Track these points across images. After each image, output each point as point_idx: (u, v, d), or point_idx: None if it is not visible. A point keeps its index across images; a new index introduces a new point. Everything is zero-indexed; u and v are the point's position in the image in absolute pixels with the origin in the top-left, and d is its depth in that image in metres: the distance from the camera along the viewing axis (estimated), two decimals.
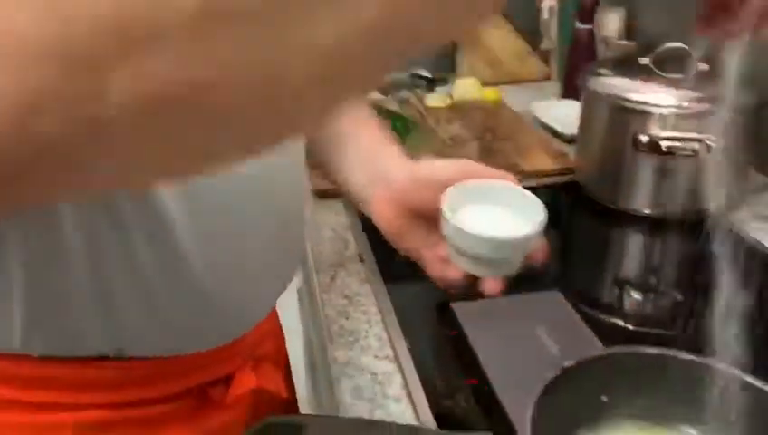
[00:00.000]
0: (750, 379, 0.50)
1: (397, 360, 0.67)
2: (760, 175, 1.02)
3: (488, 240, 0.49)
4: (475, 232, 0.49)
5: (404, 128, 1.23)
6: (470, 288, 0.57)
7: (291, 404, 0.70)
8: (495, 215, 0.55)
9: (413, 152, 0.63)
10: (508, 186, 0.56)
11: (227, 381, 0.56)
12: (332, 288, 0.78)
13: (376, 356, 0.68)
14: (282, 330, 0.71)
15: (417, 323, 0.71)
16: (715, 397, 0.51)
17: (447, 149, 1.15)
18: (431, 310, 0.76)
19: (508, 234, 0.50)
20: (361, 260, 0.83)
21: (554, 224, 0.94)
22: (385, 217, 0.60)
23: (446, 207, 0.51)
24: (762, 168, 1.01)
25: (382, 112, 1.27)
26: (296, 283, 0.88)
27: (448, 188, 0.53)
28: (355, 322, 0.73)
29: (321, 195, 0.97)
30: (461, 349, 0.69)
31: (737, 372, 0.51)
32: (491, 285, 0.55)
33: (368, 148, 0.64)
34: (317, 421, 0.46)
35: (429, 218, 0.56)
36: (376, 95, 1.36)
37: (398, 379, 0.64)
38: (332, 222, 0.93)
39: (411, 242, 0.60)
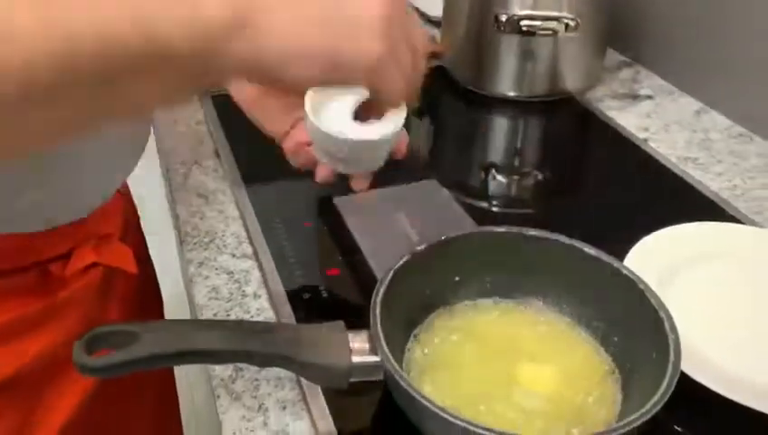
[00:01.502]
0: (587, 249, 0.52)
1: (255, 257, 0.64)
2: (616, 53, 1.04)
3: (348, 141, 0.46)
4: (334, 133, 0.45)
5: None
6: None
7: (147, 282, 0.71)
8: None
9: None
10: None
11: (68, 257, 0.57)
12: (185, 187, 0.74)
13: (233, 255, 0.65)
14: (134, 206, 0.71)
15: (277, 220, 0.69)
16: (559, 268, 0.53)
17: None
18: (292, 203, 0.73)
19: (368, 135, 0.47)
20: (218, 156, 0.79)
21: (425, 111, 0.94)
22: (240, 88, 0.57)
23: (308, 103, 0.47)
24: (615, 43, 1.03)
25: None
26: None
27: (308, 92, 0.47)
28: (210, 221, 0.69)
29: None
30: (324, 242, 0.68)
31: (577, 243, 0.52)
32: (358, 182, 0.54)
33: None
34: (151, 327, 0.43)
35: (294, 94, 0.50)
36: None
37: (256, 275, 0.62)
38: (186, 116, 0.86)
39: (274, 123, 0.56)
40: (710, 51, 0.89)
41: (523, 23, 0.84)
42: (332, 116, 0.46)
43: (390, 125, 0.47)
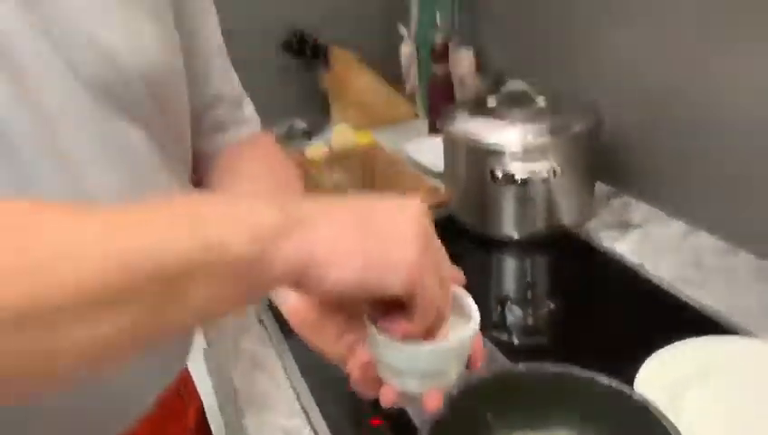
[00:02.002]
0: (600, 379, 0.59)
1: (305, 413, 0.71)
2: (604, 185, 1.16)
3: (426, 352, 0.42)
4: (408, 344, 0.42)
5: None
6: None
7: None
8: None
9: None
10: None
11: None
12: (237, 354, 0.82)
13: (286, 415, 0.72)
14: (182, 399, 0.71)
15: (321, 378, 0.77)
16: (579, 398, 0.60)
17: (332, 195, 1.22)
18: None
19: (442, 342, 0.43)
20: (261, 322, 0.88)
21: None
22: (295, 311, 0.51)
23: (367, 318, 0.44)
24: (603, 177, 1.15)
25: None
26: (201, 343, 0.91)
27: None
28: (262, 384, 0.77)
29: None
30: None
31: (591, 374, 0.60)
32: (433, 399, 0.46)
33: None
34: None
35: (349, 312, 0.49)
36: None
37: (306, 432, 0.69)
38: None
39: (332, 347, 0.50)
40: (692, 176, 1.00)
41: (517, 175, 0.96)
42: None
43: (465, 329, 0.44)
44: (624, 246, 0.98)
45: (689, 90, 0.97)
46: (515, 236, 1.03)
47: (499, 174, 0.96)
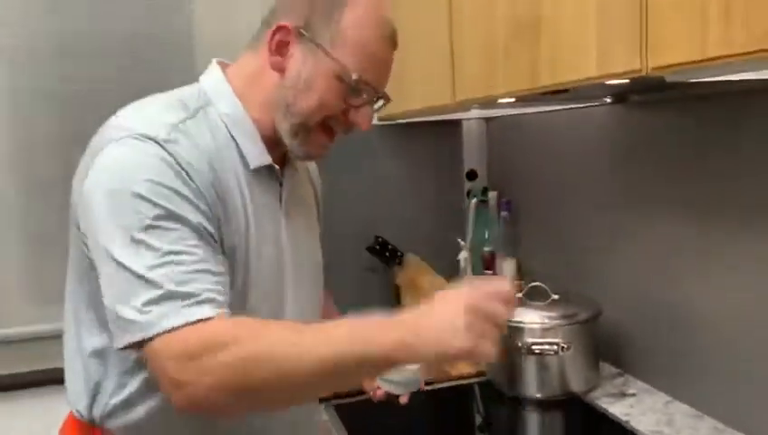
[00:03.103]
0: None
1: None
2: (612, 367, 1.47)
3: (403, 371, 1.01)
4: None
5: None
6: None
7: None
8: None
9: None
10: None
11: None
12: None
13: None
14: None
15: None
16: None
17: None
18: None
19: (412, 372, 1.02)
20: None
21: (482, 413, 1.36)
22: None
23: None
24: (608, 359, 1.47)
25: None
26: None
27: None
28: None
29: None
30: None
31: None
32: (404, 398, 1.05)
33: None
34: None
35: None
36: None
37: None
38: None
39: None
40: (675, 362, 1.32)
41: (535, 347, 1.31)
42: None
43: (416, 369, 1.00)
44: (617, 408, 1.28)
45: (680, 301, 1.33)
46: (537, 395, 1.35)
47: (521, 346, 1.32)
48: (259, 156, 0.92)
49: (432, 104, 1.54)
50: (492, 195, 1.97)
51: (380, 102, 0.96)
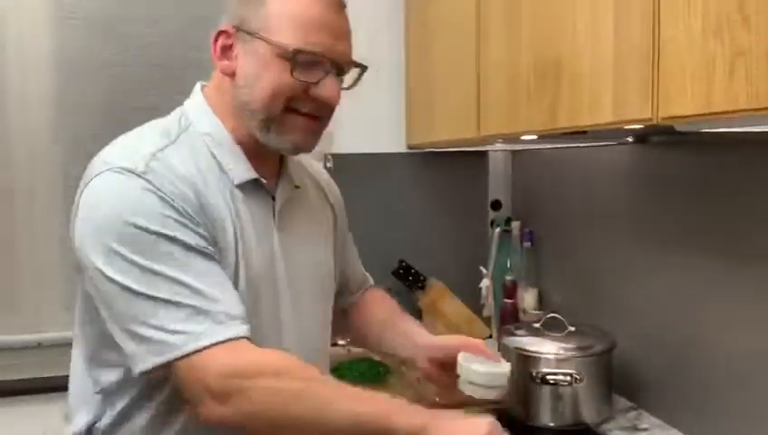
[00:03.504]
0: None
1: None
2: (626, 400, 1.50)
3: (487, 373, 1.01)
4: (480, 370, 1.00)
5: (383, 372, 1.71)
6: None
7: None
8: (486, 365, 1.04)
9: (390, 391, 1.12)
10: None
11: None
12: None
13: None
14: None
15: None
16: None
17: (415, 386, 1.62)
18: None
19: (498, 370, 1.02)
20: None
21: None
22: (429, 370, 1.12)
23: (461, 359, 1.03)
24: (622, 392, 1.49)
25: (366, 361, 1.75)
26: None
27: (459, 353, 1.05)
28: None
29: None
30: None
31: None
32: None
33: (404, 329, 1.15)
34: None
35: (447, 367, 1.07)
36: (361, 349, 1.86)
37: None
38: None
39: (440, 380, 1.11)
40: (689, 398, 1.35)
41: (549, 377, 1.35)
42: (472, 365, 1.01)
43: (507, 367, 1.03)
44: None
45: (695, 336, 1.36)
46: (550, 424, 1.39)
47: (536, 375, 1.36)
48: (242, 171, 0.94)
49: (458, 137, 1.60)
50: (515, 225, 2.01)
51: (353, 73, 0.96)
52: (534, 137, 1.30)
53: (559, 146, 1.75)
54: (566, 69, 1.08)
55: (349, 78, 0.97)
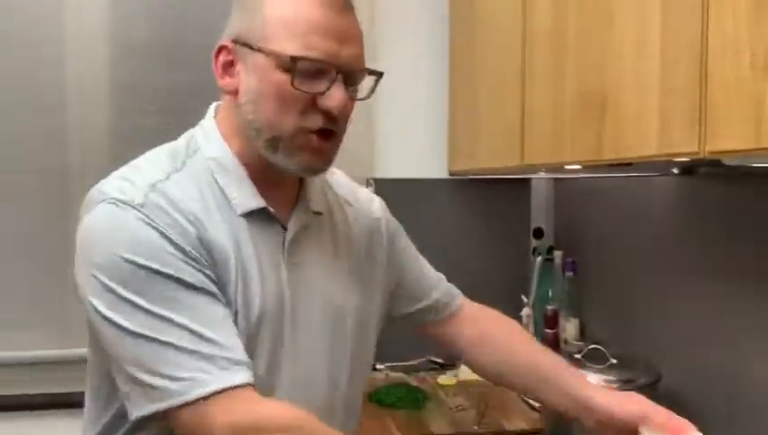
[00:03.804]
0: None
1: None
2: None
3: None
4: None
5: (421, 398, 1.71)
6: None
7: None
8: None
9: (427, 417, 1.06)
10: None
11: None
12: None
13: None
14: None
15: None
16: None
17: (453, 414, 1.62)
18: None
19: None
20: None
21: None
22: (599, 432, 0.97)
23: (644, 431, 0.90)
24: None
25: (404, 386, 1.76)
26: None
27: (641, 427, 0.91)
28: None
29: None
30: None
31: None
32: None
33: (570, 380, 1.00)
34: None
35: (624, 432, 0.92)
36: (400, 374, 1.86)
37: None
38: None
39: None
40: (733, 431, 1.31)
41: None
42: None
43: None
44: None
45: (738, 369, 1.33)
46: None
47: None
48: (248, 199, 0.85)
49: (501, 165, 1.60)
50: (557, 254, 1.99)
51: (370, 81, 0.86)
52: (578, 166, 1.30)
53: (603, 175, 1.74)
54: (611, 100, 1.08)
55: (365, 87, 0.88)
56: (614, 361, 1.40)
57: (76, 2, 1.81)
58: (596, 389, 1.00)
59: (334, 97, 0.81)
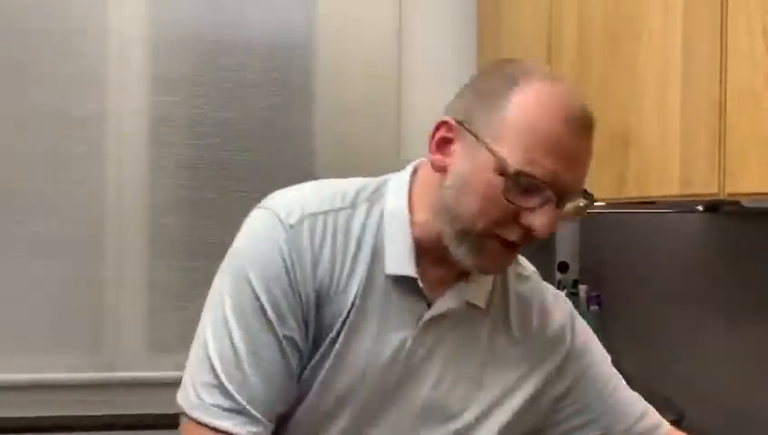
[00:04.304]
0: None
1: None
2: None
3: None
4: None
5: None
6: None
7: None
8: None
9: None
10: None
11: None
12: None
13: None
14: None
15: None
16: None
17: None
18: None
19: None
20: None
21: None
22: None
23: None
24: None
25: None
26: None
27: None
28: None
29: None
30: None
31: None
32: None
33: None
34: None
35: None
36: None
37: None
38: None
39: None
40: None
41: None
42: None
43: None
44: None
45: (765, 408, 1.32)
46: None
47: None
48: (400, 263, 0.81)
49: None
50: (582, 288, 2.00)
51: (581, 203, 0.82)
52: (602, 203, 1.32)
53: (627, 211, 1.76)
54: (634, 139, 1.11)
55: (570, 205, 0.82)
56: None
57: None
58: None
59: (542, 218, 0.76)
